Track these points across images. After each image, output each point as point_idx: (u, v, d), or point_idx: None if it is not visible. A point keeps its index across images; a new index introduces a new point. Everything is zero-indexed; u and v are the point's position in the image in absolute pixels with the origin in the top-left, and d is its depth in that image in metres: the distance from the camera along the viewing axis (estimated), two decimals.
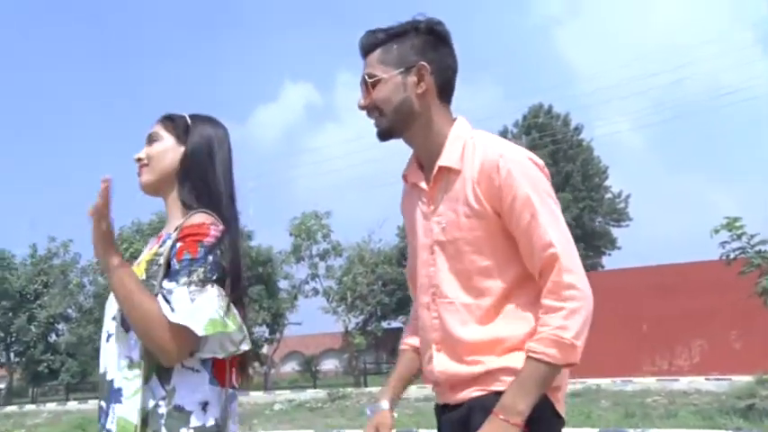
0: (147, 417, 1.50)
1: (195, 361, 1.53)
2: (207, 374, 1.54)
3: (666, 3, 66.48)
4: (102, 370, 1.58)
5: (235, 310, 1.55)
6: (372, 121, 1.68)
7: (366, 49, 1.67)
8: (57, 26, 72.67)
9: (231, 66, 77.23)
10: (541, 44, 65.92)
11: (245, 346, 1.56)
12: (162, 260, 1.56)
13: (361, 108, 1.68)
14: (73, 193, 54.78)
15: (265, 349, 31.26)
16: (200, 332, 1.46)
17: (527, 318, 1.54)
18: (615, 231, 33.60)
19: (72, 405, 21.31)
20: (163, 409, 1.50)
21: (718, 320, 17.30)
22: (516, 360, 1.52)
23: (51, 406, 21.67)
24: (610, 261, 31.82)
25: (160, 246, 1.62)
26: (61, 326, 34.39)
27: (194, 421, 1.50)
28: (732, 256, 8.81)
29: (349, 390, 17.81)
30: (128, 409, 1.49)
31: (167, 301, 1.49)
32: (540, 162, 1.61)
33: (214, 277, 1.52)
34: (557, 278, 1.48)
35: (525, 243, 1.53)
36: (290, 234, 28.97)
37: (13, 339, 34.31)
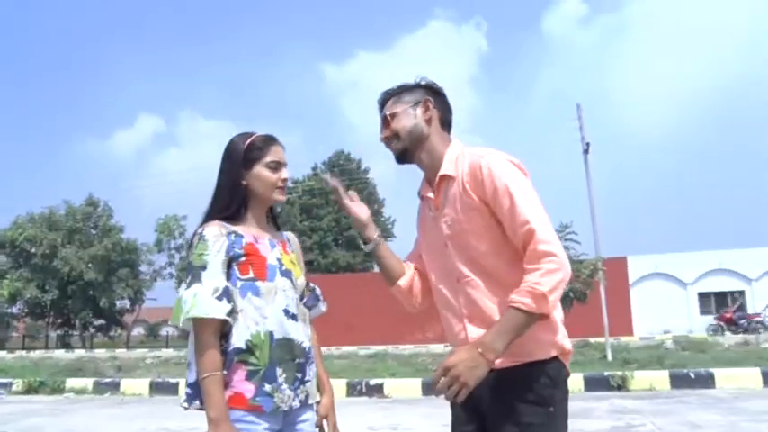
0: None
1: None
2: None
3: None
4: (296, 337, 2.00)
5: None
6: (391, 150, 2.02)
7: (383, 102, 2.05)
8: None
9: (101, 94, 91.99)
10: (336, 105, 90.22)
11: None
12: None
13: (382, 140, 2.03)
14: None
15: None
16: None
17: None
18: None
19: None
20: None
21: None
22: (537, 333, 1.75)
23: None
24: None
25: (291, 251, 2.14)
26: None
27: None
28: None
29: None
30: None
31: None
32: (516, 161, 1.87)
33: None
34: (534, 247, 1.69)
35: (508, 224, 1.77)
36: (155, 230, 40.10)
37: None
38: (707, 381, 8.91)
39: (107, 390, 11.24)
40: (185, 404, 1.93)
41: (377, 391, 9.78)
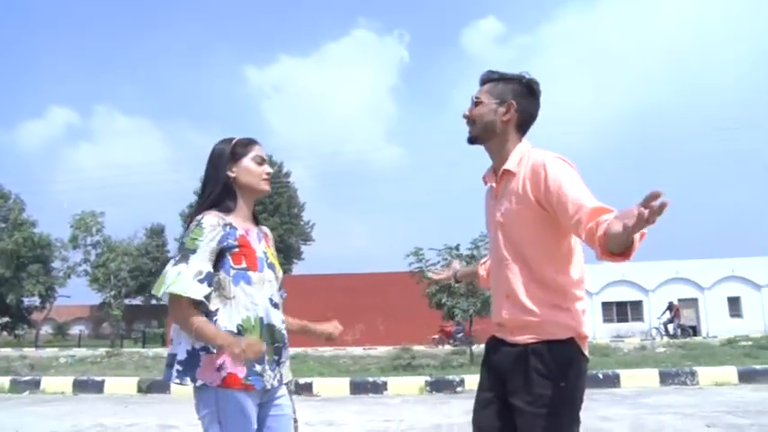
0: None
1: None
2: None
3: (338, 97, 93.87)
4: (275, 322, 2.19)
5: None
6: (468, 128, 2.22)
7: (483, 80, 2.22)
8: None
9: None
10: (257, 107, 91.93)
11: None
12: None
13: (464, 117, 2.22)
14: None
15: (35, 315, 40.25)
16: None
17: (558, 285, 2.04)
18: (303, 248, 48.76)
19: None
20: None
21: (371, 311, 28.20)
22: (558, 316, 2.02)
23: None
24: (296, 268, 46.56)
25: (271, 245, 2.34)
26: None
27: None
28: (415, 270, 13.26)
29: (124, 349, 22.93)
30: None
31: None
32: (569, 160, 2.05)
33: None
34: (596, 216, 1.78)
35: (563, 211, 1.91)
36: (71, 226, 38.58)
37: None
38: (613, 381, 9.70)
39: (26, 388, 10.85)
40: (177, 380, 2.08)
41: (306, 389, 9.98)
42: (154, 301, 45.89)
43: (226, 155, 2.26)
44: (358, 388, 9.83)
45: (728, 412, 6.86)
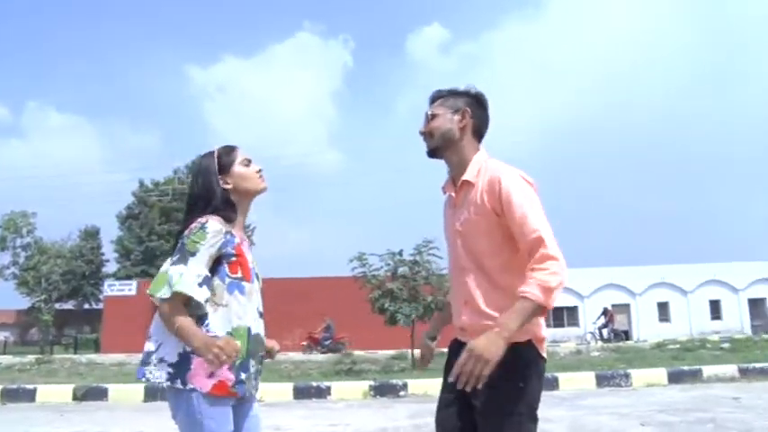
0: None
1: None
2: None
3: (281, 100, 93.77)
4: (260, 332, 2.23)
5: None
6: (425, 144, 2.30)
7: (433, 98, 2.33)
8: None
9: None
10: (199, 108, 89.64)
11: None
12: None
13: (421, 133, 2.30)
14: None
15: None
16: None
17: (516, 292, 2.00)
18: None
19: None
20: None
21: (312, 317, 27.44)
22: None
23: None
24: None
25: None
26: None
27: None
28: (358, 275, 13.41)
29: (55, 356, 22.36)
30: None
31: None
32: (530, 178, 2.16)
33: None
34: (542, 252, 1.97)
35: (518, 231, 2.05)
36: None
37: None
38: (552, 383, 9.93)
39: None
40: (168, 383, 2.08)
41: None
42: (87, 306, 44.37)
43: (213, 168, 2.26)
44: (301, 393, 9.77)
45: (660, 411, 7.19)
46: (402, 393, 9.72)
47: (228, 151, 2.31)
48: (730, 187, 74.17)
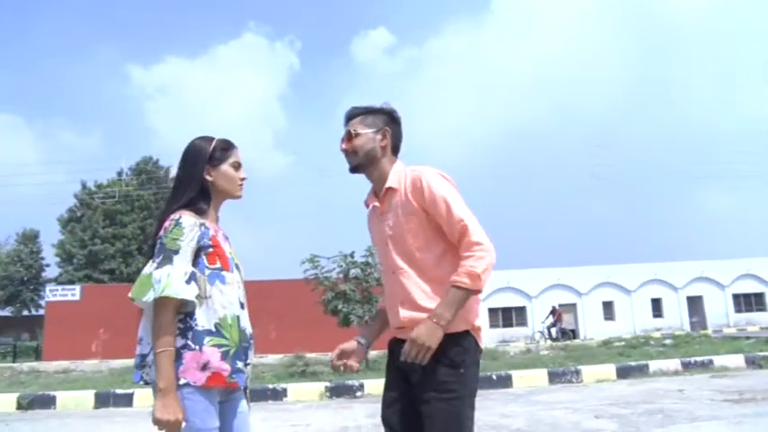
0: None
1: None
2: None
3: (226, 101, 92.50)
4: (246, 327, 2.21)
5: None
6: (347, 161, 2.41)
7: (350, 115, 2.42)
8: None
9: None
10: (141, 108, 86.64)
11: None
12: None
13: (343, 150, 2.40)
14: None
15: None
16: None
17: (448, 282, 2.14)
18: None
19: None
20: None
21: (262, 319, 28.43)
22: None
23: None
24: None
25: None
26: None
27: None
28: (310, 277, 13.57)
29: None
30: None
31: None
32: (447, 174, 2.33)
33: None
34: (468, 239, 2.15)
35: (445, 223, 2.21)
36: None
37: None
38: (506, 381, 10.19)
39: None
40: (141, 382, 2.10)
41: None
42: (26, 312, 42.80)
43: (204, 155, 2.25)
44: (257, 395, 9.68)
45: (611, 404, 7.45)
46: (359, 394, 9.77)
47: (225, 147, 2.31)
48: (668, 192, 76.90)
